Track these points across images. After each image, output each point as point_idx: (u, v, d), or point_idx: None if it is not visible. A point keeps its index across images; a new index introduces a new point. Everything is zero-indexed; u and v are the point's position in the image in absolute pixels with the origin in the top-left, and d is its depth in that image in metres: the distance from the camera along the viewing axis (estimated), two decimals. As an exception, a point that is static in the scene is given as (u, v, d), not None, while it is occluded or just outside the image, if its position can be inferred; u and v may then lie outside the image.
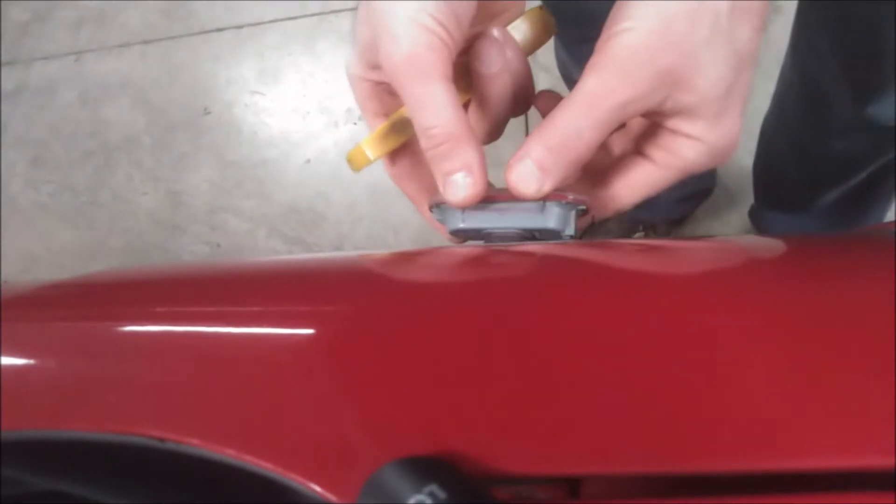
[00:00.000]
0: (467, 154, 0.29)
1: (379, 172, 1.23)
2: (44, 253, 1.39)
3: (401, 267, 0.29)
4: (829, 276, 0.23)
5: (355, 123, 1.34)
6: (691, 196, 1.08)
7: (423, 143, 0.30)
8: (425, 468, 0.18)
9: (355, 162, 0.34)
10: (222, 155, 1.39)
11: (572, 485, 0.20)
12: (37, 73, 1.57)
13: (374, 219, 1.27)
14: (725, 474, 0.18)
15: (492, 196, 0.31)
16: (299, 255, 0.36)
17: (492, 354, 0.22)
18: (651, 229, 1.13)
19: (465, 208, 0.31)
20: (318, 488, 0.19)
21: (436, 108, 0.29)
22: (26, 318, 0.27)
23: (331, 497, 0.19)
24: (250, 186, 1.35)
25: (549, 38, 0.34)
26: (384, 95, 0.33)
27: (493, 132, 0.34)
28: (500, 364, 0.21)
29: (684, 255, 0.27)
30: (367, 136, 0.33)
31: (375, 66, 0.31)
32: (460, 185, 0.30)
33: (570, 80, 0.82)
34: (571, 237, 0.32)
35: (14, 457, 0.25)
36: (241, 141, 1.40)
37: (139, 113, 1.47)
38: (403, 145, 0.35)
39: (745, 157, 1.13)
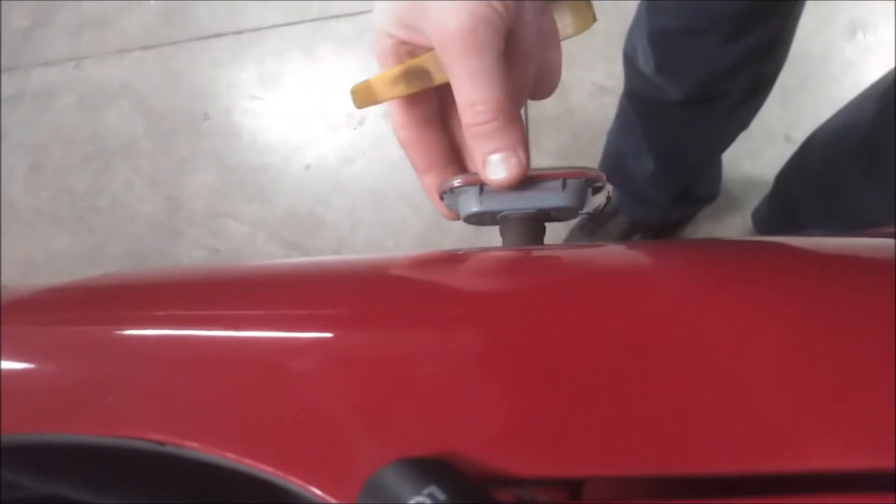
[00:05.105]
0: (514, 134, 0.29)
1: (378, 177, 1.23)
2: (43, 258, 1.38)
3: (402, 270, 0.29)
4: (833, 282, 0.23)
5: (355, 129, 1.34)
6: (693, 201, 1.08)
7: (468, 118, 0.29)
8: (425, 469, 0.18)
9: (359, 97, 0.34)
10: (222, 160, 1.39)
11: (573, 487, 0.20)
12: (37, 79, 1.57)
13: (373, 223, 1.27)
14: (726, 476, 0.18)
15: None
16: (295, 259, 0.35)
17: (494, 358, 0.22)
18: (649, 232, 1.12)
19: (507, 189, 0.31)
20: (317, 491, 0.19)
21: (487, 84, 0.28)
22: (27, 322, 0.27)
23: (330, 499, 0.19)
24: (250, 191, 1.35)
25: (585, 29, 0.34)
26: (404, 55, 0.32)
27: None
28: (503, 367, 0.21)
29: (688, 256, 0.27)
30: (376, 75, 0.33)
31: (409, 26, 0.30)
32: (505, 165, 0.30)
33: (632, 65, 0.80)
34: (589, 215, 0.32)
35: (14, 460, 0.25)
36: (240, 146, 1.40)
37: (139, 118, 1.47)
38: (421, 111, 0.34)
39: (746, 162, 1.13)
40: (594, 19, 0.34)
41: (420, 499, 0.17)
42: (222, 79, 1.46)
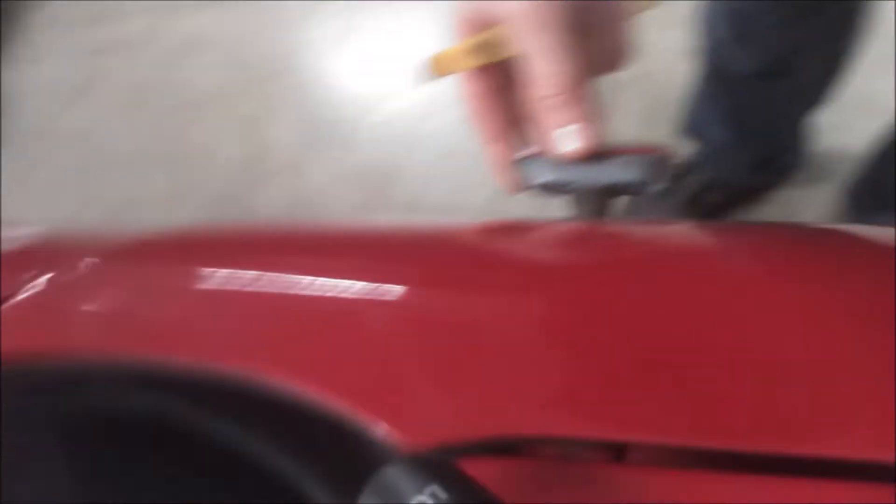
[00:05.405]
0: (583, 107, 0.30)
1: (452, 135, 1.24)
2: (143, 196, 1.47)
3: (478, 237, 0.31)
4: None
5: (431, 85, 1.35)
6: (774, 170, 1.04)
7: (538, 91, 0.30)
8: (427, 469, 0.18)
9: (432, 69, 0.35)
10: (302, 112, 1.43)
11: (617, 449, 0.21)
12: (127, 28, 1.64)
13: (446, 180, 1.28)
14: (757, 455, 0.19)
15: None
16: (383, 219, 0.38)
17: (557, 326, 0.23)
18: (726, 191, 1.08)
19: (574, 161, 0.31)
20: (384, 426, 0.21)
21: (557, 58, 0.29)
22: (150, 262, 0.31)
23: (394, 433, 0.21)
24: (328, 143, 1.39)
25: (657, 4, 0.34)
26: (478, 27, 0.33)
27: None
28: (563, 335, 0.23)
29: (748, 243, 0.28)
30: (451, 47, 0.34)
31: None
32: (574, 137, 0.30)
33: (706, 35, 0.80)
34: (659, 191, 0.32)
35: (133, 379, 0.29)
36: (319, 98, 1.43)
37: (224, 68, 1.52)
38: (490, 83, 0.35)
39: (837, 132, 1.08)
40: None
41: (422, 498, 0.17)
42: (304, 30, 1.49)
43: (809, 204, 1.10)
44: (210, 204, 1.40)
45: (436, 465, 0.18)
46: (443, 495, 0.17)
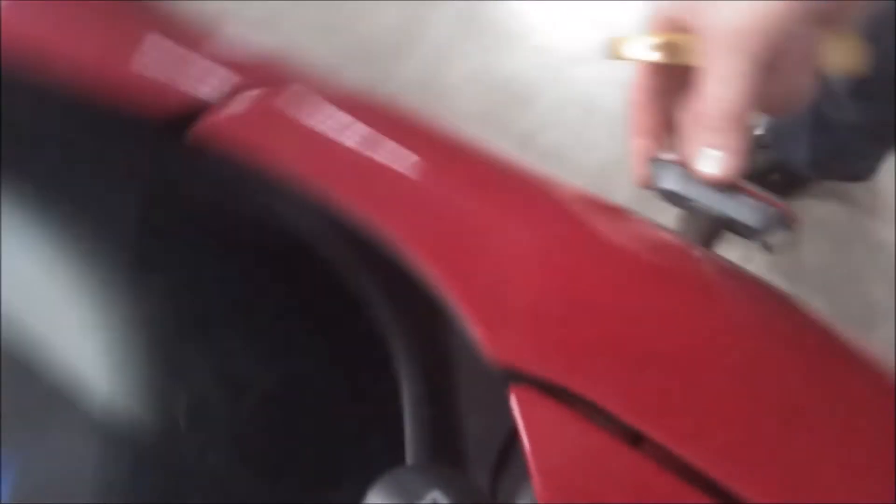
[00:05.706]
0: (737, 137, 0.31)
1: (599, 88, 1.23)
2: (299, 29, 1.51)
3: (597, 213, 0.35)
4: None
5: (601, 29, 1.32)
6: (840, 177, 1.02)
7: (703, 108, 0.31)
8: (430, 474, 0.20)
9: (613, 50, 0.37)
10: (469, 5, 1.43)
11: (635, 436, 0.26)
12: None
13: (570, 127, 1.29)
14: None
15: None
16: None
17: (624, 318, 0.28)
18: (789, 176, 1.05)
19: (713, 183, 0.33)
20: (479, 334, 0.26)
21: (734, 86, 0.30)
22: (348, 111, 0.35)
23: (483, 339, 0.25)
24: (477, 46, 1.39)
25: (849, 69, 0.34)
26: (672, 28, 0.34)
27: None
28: (630, 330, 0.27)
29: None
30: (636, 37, 0.35)
31: (689, 6, 0.32)
32: (717, 162, 0.32)
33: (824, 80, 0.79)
34: (768, 246, 0.34)
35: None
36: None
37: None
38: (661, 81, 0.36)
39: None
40: (861, 64, 0.34)
41: (423, 502, 0.19)
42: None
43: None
44: (352, 54, 1.43)
45: (439, 471, 0.20)
46: (443, 501, 0.19)
